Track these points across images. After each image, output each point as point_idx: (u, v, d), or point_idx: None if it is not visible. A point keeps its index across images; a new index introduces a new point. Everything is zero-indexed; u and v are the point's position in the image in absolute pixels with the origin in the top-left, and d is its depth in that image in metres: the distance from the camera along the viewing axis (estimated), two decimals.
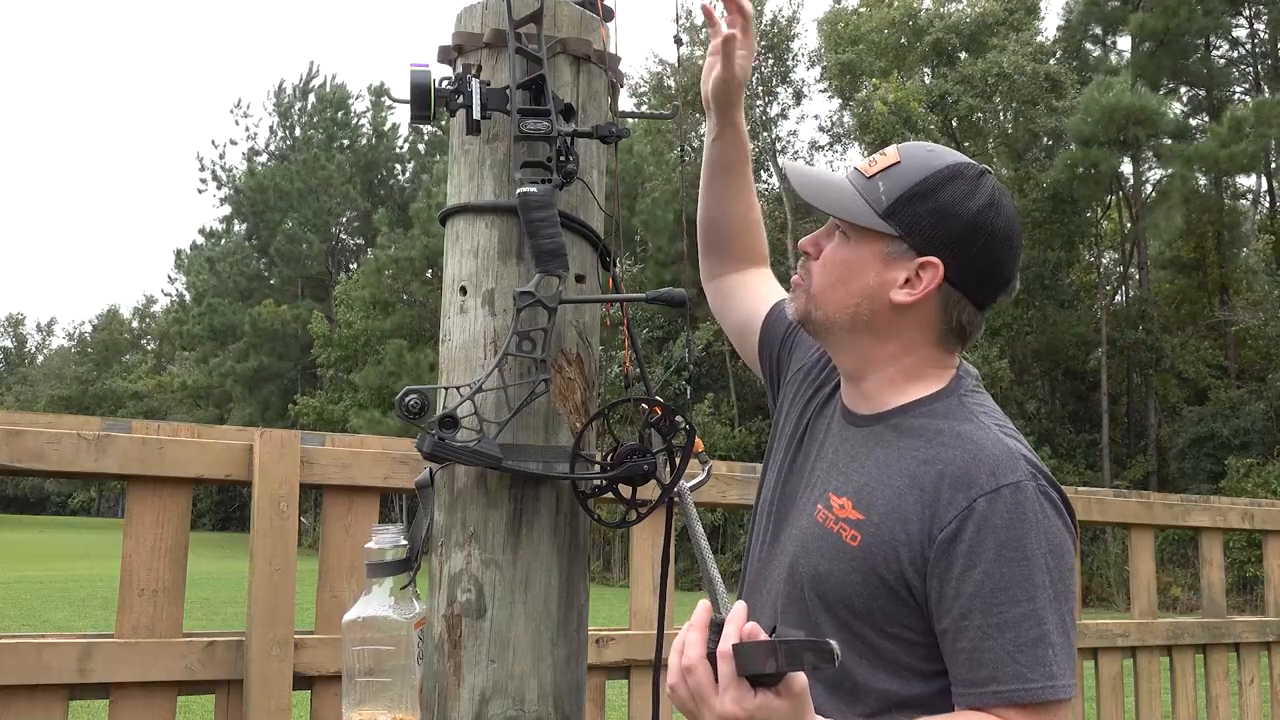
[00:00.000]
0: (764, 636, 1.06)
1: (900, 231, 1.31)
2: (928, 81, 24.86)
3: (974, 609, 1.21)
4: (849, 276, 1.35)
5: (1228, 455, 20.04)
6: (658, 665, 1.52)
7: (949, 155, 1.35)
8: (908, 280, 1.32)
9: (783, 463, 1.50)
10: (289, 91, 42.86)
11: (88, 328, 72.14)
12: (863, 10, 27.78)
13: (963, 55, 25.04)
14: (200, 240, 43.90)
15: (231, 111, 73.64)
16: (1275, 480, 18.56)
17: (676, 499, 1.44)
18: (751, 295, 1.71)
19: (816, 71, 28.94)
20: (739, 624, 1.07)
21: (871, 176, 1.34)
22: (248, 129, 73.71)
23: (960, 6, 26.07)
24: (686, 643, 1.11)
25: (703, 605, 1.15)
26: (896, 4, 26.84)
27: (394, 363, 27.69)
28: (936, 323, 1.35)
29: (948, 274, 1.32)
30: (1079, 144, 21.49)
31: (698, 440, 1.39)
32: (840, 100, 28.19)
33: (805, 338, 1.57)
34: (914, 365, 1.37)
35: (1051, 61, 24.99)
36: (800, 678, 1.06)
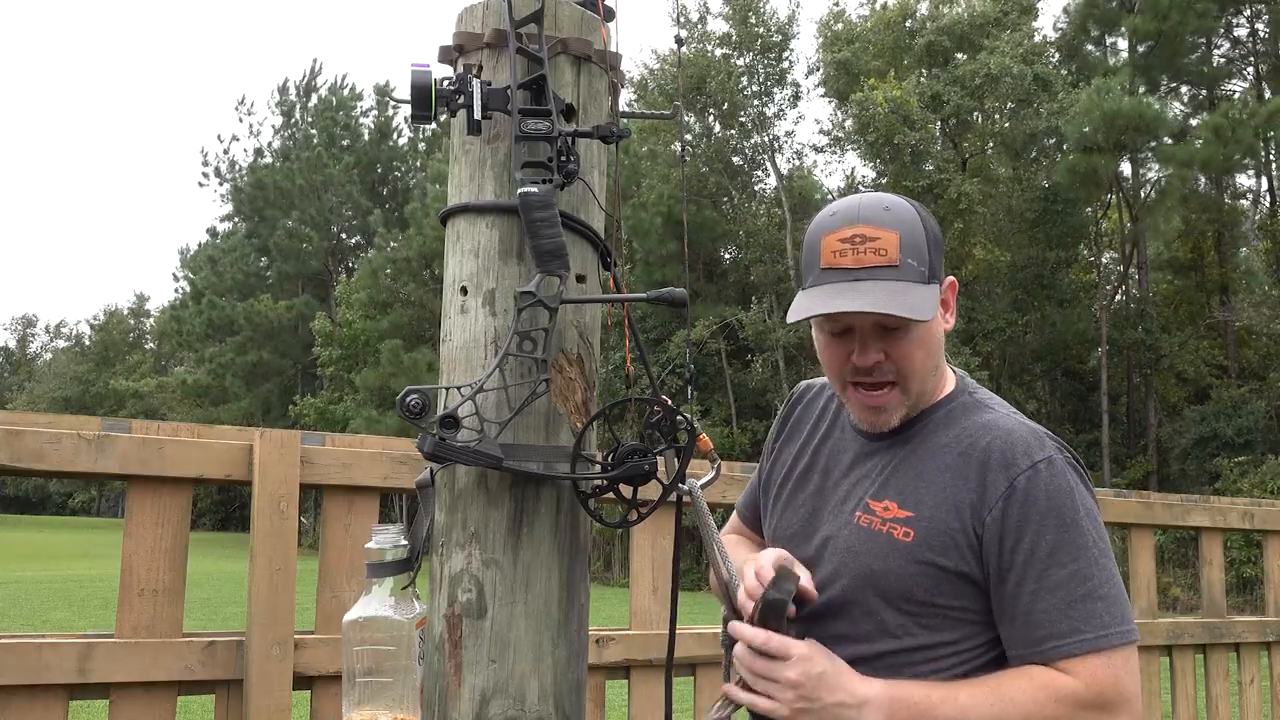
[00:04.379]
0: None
1: (939, 281, 1.44)
2: (922, 82, 24.83)
3: (1026, 577, 1.33)
4: (934, 345, 1.46)
5: (1228, 455, 20.02)
6: (669, 665, 1.52)
7: (898, 198, 1.45)
8: (944, 305, 1.46)
9: (791, 493, 1.57)
10: (292, 90, 42.86)
11: (86, 327, 72.17)
12: (858, 16, 27.82)
13: (960, 56, 25.01)
14: (207, 239, 43.86)
15: (236, 109, 73.78)
16: (1272, 479, 18.52)
17: (687, 497, 1.44)
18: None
19: (815, 78, 28.93)
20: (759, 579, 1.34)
21: (899, 264, 1.38)
22: (251, 126, 73.75)
23: (956, 9, 26.05)
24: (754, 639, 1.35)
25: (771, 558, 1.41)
26: (892, 4, 26.84)
27: (391, 363, 27.62)
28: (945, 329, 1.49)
29: None
30: (1077, 149, 21.44)
31: (706, 439, 1.40)
32: (837, 102, 28.16)
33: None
34: (940, 375, 1.49)
35: (1048, 62, 24.94)
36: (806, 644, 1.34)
